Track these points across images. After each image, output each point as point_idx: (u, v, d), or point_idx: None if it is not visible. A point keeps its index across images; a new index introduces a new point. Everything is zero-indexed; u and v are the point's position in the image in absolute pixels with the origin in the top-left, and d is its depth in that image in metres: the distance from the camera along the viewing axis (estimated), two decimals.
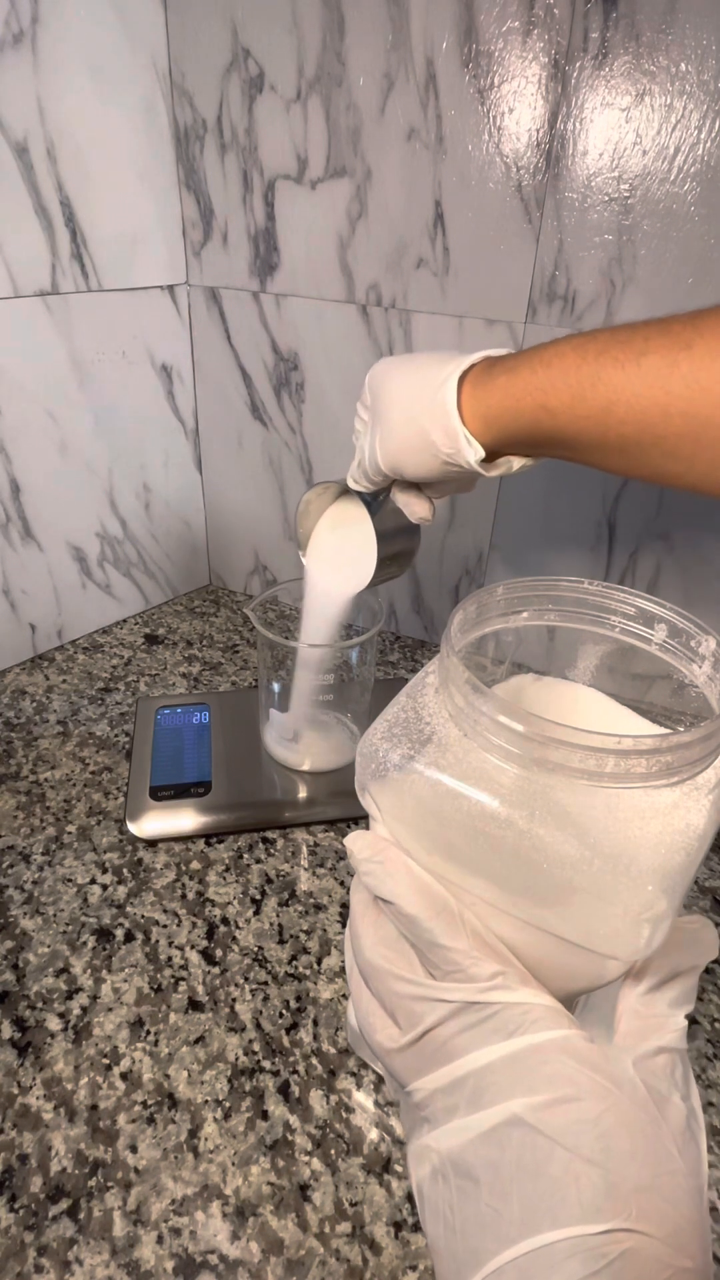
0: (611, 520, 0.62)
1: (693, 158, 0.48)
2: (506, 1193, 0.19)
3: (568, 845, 0.22)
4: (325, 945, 0.46)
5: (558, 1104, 0.20)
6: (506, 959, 0.23)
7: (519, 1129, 0.20)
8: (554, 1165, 0.19)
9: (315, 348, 0.67)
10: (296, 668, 0.53)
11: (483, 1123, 0.21)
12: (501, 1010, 0.22)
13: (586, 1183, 0.19)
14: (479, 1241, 0.20)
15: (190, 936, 0.46)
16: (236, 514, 0.81)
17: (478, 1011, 0.22)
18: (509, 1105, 0.20)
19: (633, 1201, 0.18)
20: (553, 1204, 0.19)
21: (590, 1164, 0.19)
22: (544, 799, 0.23)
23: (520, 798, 0.23)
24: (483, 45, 0.51)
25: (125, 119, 0.60)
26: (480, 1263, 0.19)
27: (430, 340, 0.62)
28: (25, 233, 0.57)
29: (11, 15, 0.51)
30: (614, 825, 0.22)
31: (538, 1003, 0.22)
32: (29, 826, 0.53)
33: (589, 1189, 0.18)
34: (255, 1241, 0.33)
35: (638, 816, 0.23)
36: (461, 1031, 0.22)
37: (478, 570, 0.70)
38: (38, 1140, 0.36)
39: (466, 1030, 0.22)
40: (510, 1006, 0.22)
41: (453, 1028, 0.22)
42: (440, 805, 0.25)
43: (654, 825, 0.23)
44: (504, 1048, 0.21)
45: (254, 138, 0.61)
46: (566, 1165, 0.19)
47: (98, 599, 0.75)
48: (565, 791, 0.23)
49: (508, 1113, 0.20)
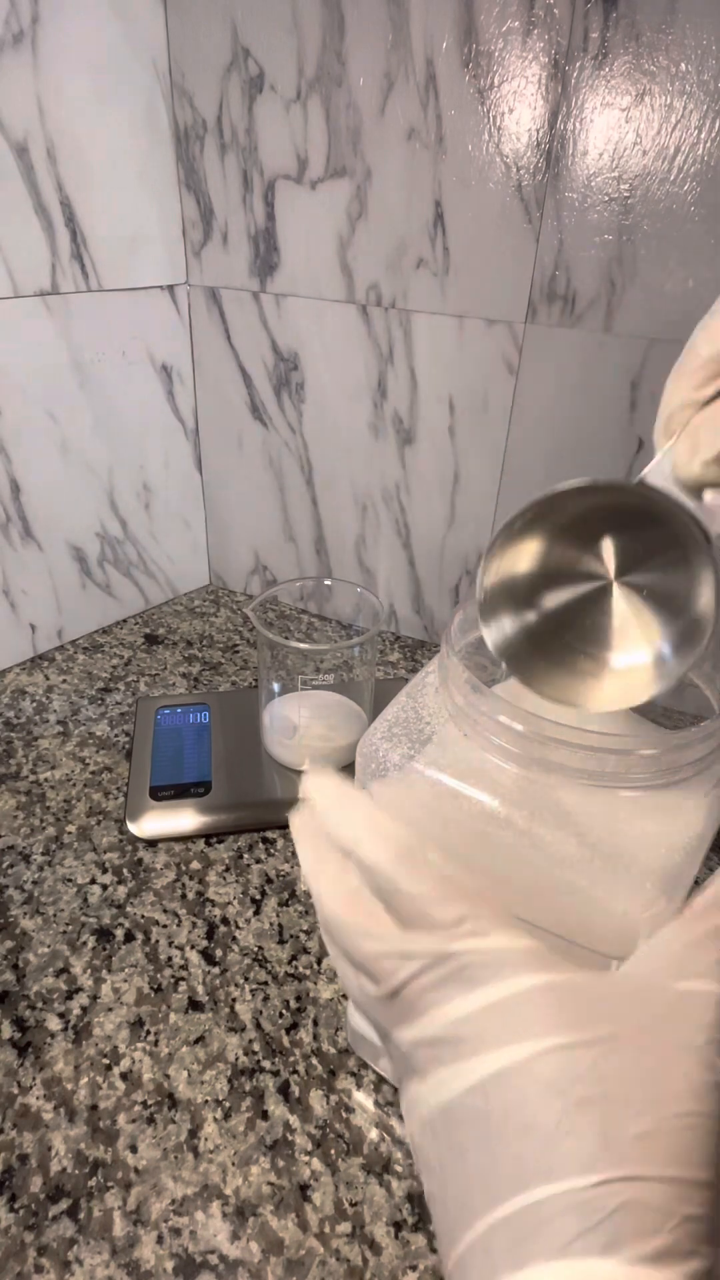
0: None
1: (693, 158, 0.48)
2: (495, 1148, 0.18)
3: (567, 845, 0.22)
4: (325, 945, 0.46)
5: (547, 1053, 0.19)
6: (479, 899, 0.22)
7: (506, 1080, 0.19)
8: (545, 1116, 0.18)
9: (315, 348, 0.67)
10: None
11: (469, 1075, 0.19)
12: (473, 958, 0.20)
13: (582, 1133, 0.18)
14: (470, 1198, 0.19)
15: (190, 936, 0.46)
16: (236, 514, 0.81)
17: (449, 962, 0.21)
18: (494, 1056, 0.19)
19: (632, 1150, 0.17)
20: (545, 1157, 0.18)
21: (584, 1113, 0.18)
22: (544, 799, 0.23)
23: (520, 797, 0.23)
24: (483, 45, 0.51)
25: (125, 119, 0.60)
26: (471, 1221, 0.18)
27: (430, 340, 0.62)
28: (25, 233, 0.57)
29: (11, 15, 0.51)
30: (614, 825, 0.22)
31: (514, 946, 0.21)
32: (29, 826, 0.53)
33: (584, 1139, 0.17)
34: (255, 1241, 0.33)
35: (637, 816, 0.23)
36: (435, 984, 0.21)
37: (478, 570, 0.70)
38: (38, 1140, 0.36)
39: (440, 983, 0.21)
40: (482, 953, 0.20)
41: (425, 981, 0.21)
42: (440, 805, 0.25)
43: (653, 825, 0.23)
44: (481, 996, 0.20)
45: (254, 138, 0.61)
46: (559, 1117, 0.18)
47: (98, 599, 0.75)
48: (565, 791, 0.23)
49: (494, 1064, 0.19)
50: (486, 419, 0.63)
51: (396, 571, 0.74)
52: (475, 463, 0.65)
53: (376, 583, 0.76)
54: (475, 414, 0.63)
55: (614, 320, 0.54)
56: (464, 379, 0.62)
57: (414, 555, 0.72)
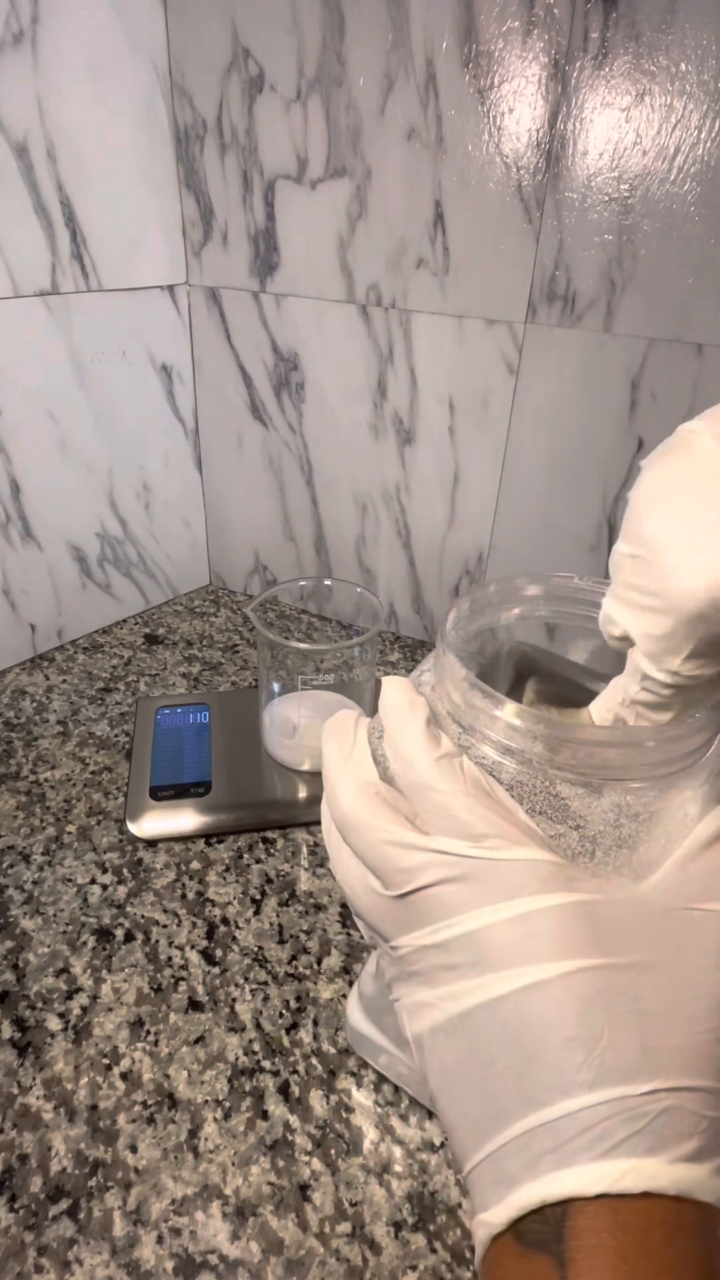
0: (612, 520, 0.62)
1: (693, 158, 0.48)
2: (533, 1057, 0.19)
3: (568, 838, 0.22)
4: (325, 945, 0.46)
5: (583, 972, 0.19)
6: (510, 811, 0.22)
7: (542, 994, 0.19)
8: (585, 1030, 0.19)
9: (315, 348, 0.67)
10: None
11: (497, 986, 0.20)
12: (503, 865, 0.20)
13: (623, 1046, 0.19)
14: (502, 1103, 0.19)
15: (190, 936, 0.46)
16: (236, 514, 0.81)
17: (475, 865, 0.21)
18: (528, 969, 0.20)
19: (670, 1062, 0.19)
20: (587, 1067, 0.19)
21: (623, 1029, 0.19)
22: (543, 793, 0.23)
23: (519, 792, 0.23)
24: (483, 45, 0.51)
25: (125, 119, 0.60)
26: (505, 1124, 0.19)
27: (430, 340, 0.62)
28: (25, 233, 0.57)
29: (11, 15, 0.51)
30: (613, 817, 0.23)
31: (540, 859, 0.21)
32: (29, 826, 0.53)
33: (625, 1053, 0.19)
34: (255, 1241, 0.33)
35: (635, 809, 0.23)
36: (454, 890, 0.21)
37: (478, 570, 0.70)
38: (38, 1140, 0.36)
39: (462, 885, 0.21)
40: (509, 864, 0.20)
41: (444, 887, 0.21)
42: None
43: (651, 817, 0.23)
44: (509, 908, 0.20)
45: (254, 138, 0.61)
46: (599, 1030, 0.19)
47: (98, 599, 0.75)
48: (564, 785, 0.23)
49: (530, 977, 0.19)
50: (486, 419, 0.63)
51: (396, 571, 0.74)
52: (475, 463, 0.65)
53: (376, 583, 0.76)
54: (475, 414, 0.63)
55: (614, 320, 0.54)
56: (464, 379, 0.62)
57: (414, 555, 0.72)
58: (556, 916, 0.20)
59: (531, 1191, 0.18)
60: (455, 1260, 0.33)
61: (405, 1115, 0.38)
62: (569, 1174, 0.18)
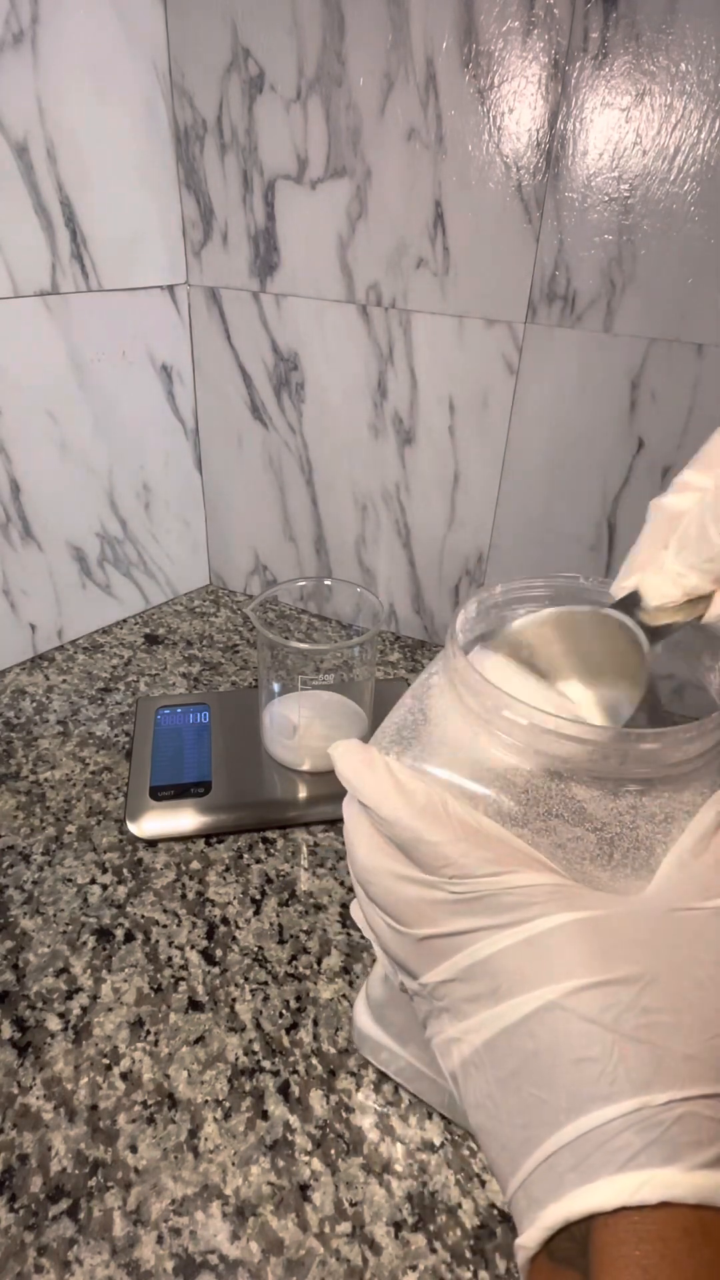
0: (611, 520, 0.62)
1: (693, 158, 0.48)
2: (549, 1079, 0.20)
3: (585, 841, 0.22)
4: (325, 945, 0.46)
5: (590, 989, 0.20)
6: (502, 841, 0.23)
7: (552, 1016, 0.20)
8: (595, 1048, 0.19)
9: (315, 348, 0.67)
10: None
11: (512, 1013, 0.20)
12: (502, 894, 0.21)
13: (634, 1061, 0.19)
14: (528, 1130, 0.20)
15: (190, 936, 0.46)
16: (236, 514, 0.81)
17: (478, 898, 0.22)
18: (538, 993, 0.20)
19: (682, 1071, 0.19)
20: (601, 1085, 0.19)
21: (634, 1043, 0.19)
22: (559, 795, 0.23)
23: (535, 796, 0.23)
24: (483, 45, 0.51)
25: (125, 119, 0.60)
26: (532, 1148, 0.20)
27: (430, 340, 0.62)
28: (25, 233, 0.57)
29: (11, 15, 0.51)
30: (629, 819, 0.23)
31: (540, 883, 0.21)
32: (29, 826, 0.53)
33: (637, 1066, 0.19)
34: (255, 1241, 0.33)
35: (650, 809, 0.23)
36: (466, 920, 0.22)
37: (478, 570, 0.70)
38: (38, 1140, 0.36)
39: (470, 918, 0.22)
40: (510, 891, 0.21)
41: (459, 921, 0.22)
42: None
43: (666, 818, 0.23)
44: (515, 934, 0.21)
45: (254, 138, 0.61)
46: (610, 1046, 0.19)
47: (98, 599, 0.75)
48: (579, 787, 0.23)
49: (538, 1001, 0.20)
50: (486, 419, 0.63)
51: (396, 571, 0.74)
52: (475, 463, 0.65)
53: (376, 583, 0.76)
54: (475, 414, 0.63)
55: (614, 320, 0.54)
56: (464, 379, 0.62)
57: (414, 555, 0.72)
58: (560, 936, 0.21)
59: (556, 1211, 0.19)
60: (455, 1260, 0.33)
61: (405, 1115, 0.38)
62: (589, 1190, 0.18)
